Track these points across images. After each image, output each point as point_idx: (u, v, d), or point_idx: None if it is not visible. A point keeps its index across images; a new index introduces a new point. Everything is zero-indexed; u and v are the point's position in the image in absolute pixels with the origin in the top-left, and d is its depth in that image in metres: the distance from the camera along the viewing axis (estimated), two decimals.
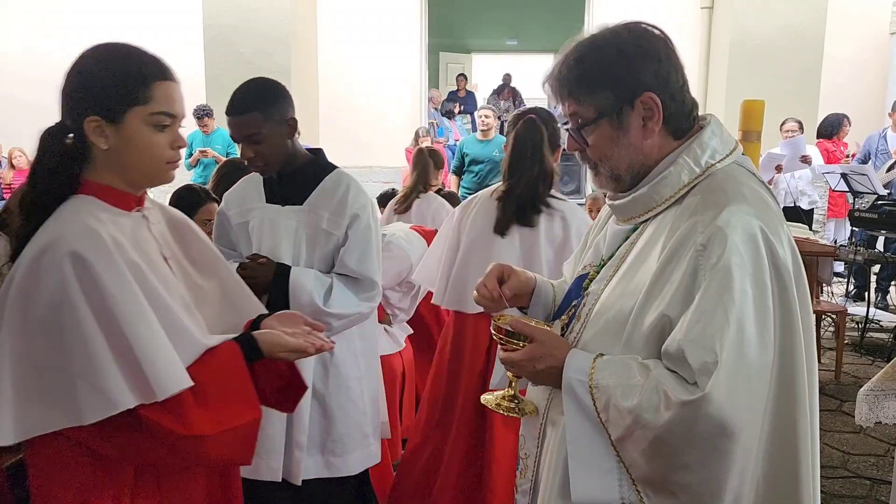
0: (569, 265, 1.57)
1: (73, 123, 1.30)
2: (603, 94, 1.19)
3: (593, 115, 1.21)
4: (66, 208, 1.28)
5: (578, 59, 1.20)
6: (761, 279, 1.09)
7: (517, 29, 12.75)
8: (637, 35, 1.21)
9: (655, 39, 1.21)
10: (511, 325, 1.24)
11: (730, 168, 1.22)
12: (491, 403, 1.33)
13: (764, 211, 1.15)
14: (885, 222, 5.05)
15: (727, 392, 1.04)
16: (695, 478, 1.06)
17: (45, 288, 1.19)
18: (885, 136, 6.28)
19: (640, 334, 1.14)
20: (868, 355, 5.06)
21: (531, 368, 1.22)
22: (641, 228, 1.26)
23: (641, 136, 1.21)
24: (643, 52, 1.19)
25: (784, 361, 1.11)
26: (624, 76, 1.18)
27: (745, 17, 7.57)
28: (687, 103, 1.23)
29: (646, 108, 1.19)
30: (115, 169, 1.32)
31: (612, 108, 1.19)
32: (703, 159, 1.21)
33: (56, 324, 1.19)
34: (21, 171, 7.45)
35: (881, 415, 2.21)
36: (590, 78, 1.20)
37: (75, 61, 1.32)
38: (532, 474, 1.34)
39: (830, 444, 3.65)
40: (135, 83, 1.29)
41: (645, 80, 1.18)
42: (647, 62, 1.18)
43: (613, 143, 1.21)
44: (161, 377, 1.21)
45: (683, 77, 1.23)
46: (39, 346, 1.19)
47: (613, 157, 1.22)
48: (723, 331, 1.05)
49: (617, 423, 1.11)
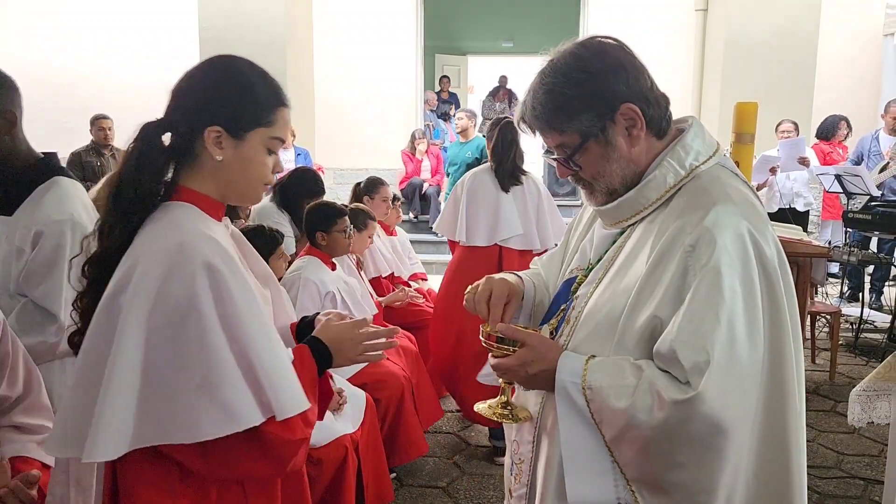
0: (542, 261, 1.58)
1: (186, 128, 1.26)
2: (583, 118, 1.20)
3: (579, 140, 1.22)
4: (177, 214, 1.25)
5: (548, 91, 1.21)
6: (750, 278, 1.11)
7: (512, 31, 12.76)
8: (596, 51, 1.22)
9: (614, 49, 1.22)
10: (501, 331, 1.24)
11: (713, 169, 1.23)
12: (484, 411, 1.33)
13: (750, 211, 1.17)
14: (878, 223, 5.07)
15: (720, 391, 1.05)
16: (689, 476, 1.08)
17: (174, 295, 1.14)
18: (878, 138, 6.30)
19: (632, 335, 1.15)
20: (862, 356, 5.08)
21: (524, 373, 1.23)
22: (629, 231, 1.27)
23: (628, 147, 1.22)
24: (608, 65, 1.20)
25: (774, 359, 1.13)
26: (598, 94, 1.19)
27: (739, 18, 7.60)
28: (661, 102, 1.24)
29: (627, 119, 1.20)
30: (218, 181, 1.29)
31: (595, 127, 1.20)
32: (688, 161, 1.23)
33: (182, 333, 1.14)
34: None
35: (873, 415, 2.22)
36: (565, 106, 1.20)
37: (202, 67, 1.30)
38: (527, 479, 1.34)
39: (824, 445, 3.67)
40: (266, 105, 1.29)
41: (619, 92, 1.19)
42: (615, 74, 1.19)
43: (605, 160, 1.23)
44: (282, 397, 1.17)
45: (649, 77, 1.24)
46: (160, 355, 1.14)
47: (608, 174, 1.24)
48: (714, 330, 1.07)
49: (611, 423, 1.12)
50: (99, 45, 9.10)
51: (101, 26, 9.11)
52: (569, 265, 1.44)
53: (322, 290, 3.09)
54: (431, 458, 3.52)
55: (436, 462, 3.49)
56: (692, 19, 8.55)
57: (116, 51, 9.05)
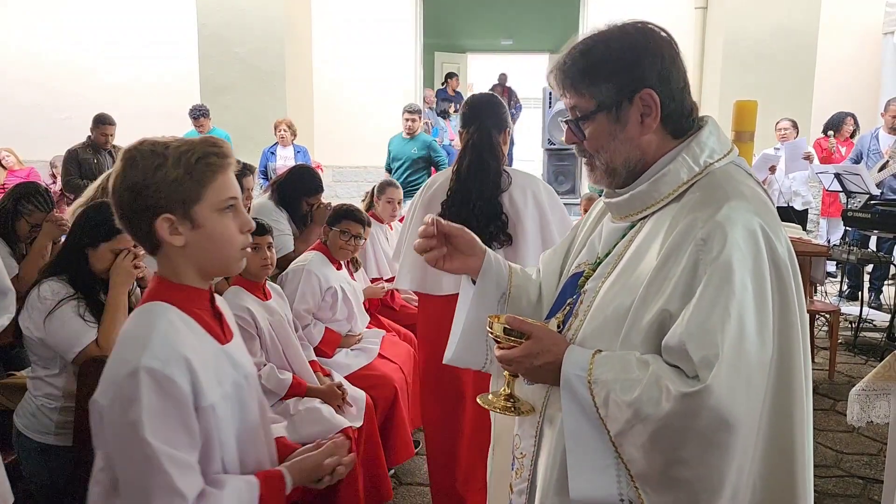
0: (547, 256, 1.57)
1: None
2: (604, 87, 1.21)
3: (592, 108, 1.22)
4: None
5: (584, 51, 1.23)
6: (761, 274, 1.10)
7: (512, 29, 12.75)
8: (644, 33, 1.23)
9: (662, 40, 1.24)
10: (508, 323, 1.23)
11: (728, 167, 1.23)
12: (488, 404, 1.32)
13: (763, 209, 1.16)
14: (877, 222, 5.06)
15: (728, 385, 1.04)
16: (694, 473, 1.06)
17: None
18: (877, 136, 6.29)
19: (639, 329, 1.14)
20: (861, 355, 5.08)
21: (529, 365, 1.22)
22: (639, 226, 1.26)
23: (639, 132, 1.22)
24: (648, 49, 1.21)
25: (782, 356, 1.12)
26: (627, 70, 1.20)
27: (738, 17, 7.60)
28: (687, 105, 1.24)
29: (644, 105, 1.20)
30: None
31: (611, 101, 1.21)
32: (702, 158, 1.22)
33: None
34: (12, 171, 7.40)
35: (872, 414, 2.22)
36: (593, 69, 1.21)
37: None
38: (529, 473, 1.33)
39: (824, 444, 3.66)
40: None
41: (647, 76, 1.20)
42: (650, 59, 1.20)
43: (610, 136, 1.23)
44: None
45: (685, 80, 1.24)
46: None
47: (609, 150, 1.24)
48: (724, 324, 1.06)
49: (616, 417, 1.11)
50: (97, 43, 9.06)
51: (100, 24, 9.08)
52: (575, 259, 1.43)
53: (324, 284, 3.10)
54: None
55: None
56: (692, 17, 8.55)
57: (115, 49, 9.02)
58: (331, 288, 3.12)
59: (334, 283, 3.14)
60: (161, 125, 8.37)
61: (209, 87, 7.86)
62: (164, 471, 1.17)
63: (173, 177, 1.25)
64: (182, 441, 1.21)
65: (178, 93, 8.42)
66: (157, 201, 1.25)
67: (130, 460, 1.18)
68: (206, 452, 1.26)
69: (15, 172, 7.34)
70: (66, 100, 8.97)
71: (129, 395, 1.17)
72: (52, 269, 2.33)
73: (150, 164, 1.25)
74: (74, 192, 5.48)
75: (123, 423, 1.17)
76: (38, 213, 3.18)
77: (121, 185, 1.27)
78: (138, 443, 1.16)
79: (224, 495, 1.25)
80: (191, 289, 1.33)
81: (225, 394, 1.30)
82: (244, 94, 7.84)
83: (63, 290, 2.25)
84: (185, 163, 1.26)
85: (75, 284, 2.27)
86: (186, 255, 1.30)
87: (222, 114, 7.59)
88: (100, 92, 8.70)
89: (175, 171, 1.25)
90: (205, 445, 1.26)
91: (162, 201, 1.25)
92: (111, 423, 1.20)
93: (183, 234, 1.28)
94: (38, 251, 3.10)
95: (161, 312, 1.27)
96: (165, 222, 1.26)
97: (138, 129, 7.67)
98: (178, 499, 1.18)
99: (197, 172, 1.26)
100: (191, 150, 1.27)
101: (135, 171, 1.26)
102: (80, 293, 2.27)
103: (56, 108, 9.03)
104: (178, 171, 1.25)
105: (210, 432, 1.26)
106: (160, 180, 1.25)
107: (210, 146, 1.29)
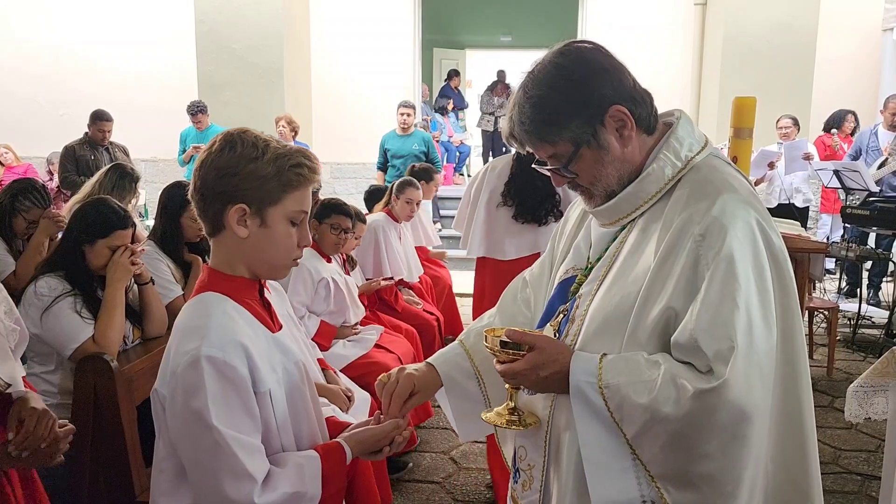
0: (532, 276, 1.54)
1: None
2: (572, 126, 1.19)
3: (572, 149, 1.21)
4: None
5: (536, 104, 1.19)
6: (761, 265, 1.12)
7: (511, 25, 12.73)
8: (575, 57, 1.20)
9: (593, 53, 1.21)
10: (509, 335, 1.21)
11: (709, 160, 1.24)
12: (492, 418, 1.29)
13: (753, 199, 1.18)
14: (876, 219, 5.06)
15: (745, 377, 1.05)
16: (716, 466, 1.07)
17: None
18: (877, 133, 6.28)
19: (645, 329, 1.14)
20: (860, 351, 5.08)
21: (534, 377, 1.19)
22: (630, 227, 1.25)
23: (621, 147, 1.21)
24: (590, 70, 1.18)
25: (786, 344, 1.14)
26: (584, 101, 1.18)
27: (738, 13, 7.58)
28: (646, 98, 1.23)
29: (617, 121, 1.19)
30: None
31: (586, 134, 1.19)
32: (683, 153, 1.22)
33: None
34: (9, 167, 7.38)
35: (870, 411, 2.22)
36: (554, 117, 1.19)
37: None
38: (540, 484, 1.31)
39: (822, 440, 3.67)
40: None
41: (605, 95, 1.18)
42: (599, 79, 1.18)
43: (600, 164, 1.22)
44: None
45: (631, 75, 1.23)
46: None
47: (604, 176, 1.23)
48: (734, 317, 1.07)
49: (632, 420, 1.10)
50: (95, 39, 9.04)
51: (98, 20, 9.05)
52: (559, 266, 1.42)
53: (315, 276, 3.12)
54: (428, 453, 3.52)
55: (432, 457, 3.49)
56: (691, 13, 8.53)
57: (113, 44, 9.00)
58: (323, 279, 3.14)
59: (326, 274, 3.16)
60: (159, 121, 8.37)
61: (207, 83, 7.84)
62: (232, 454, 1.21)
63: (263, 173, 1.27)
64: (246, 425, 1.24)
65: (176, 89, 8.40)
66: (239, 190, 1.27)
67: (198, 447, 1.22)
68: (265, 436, 1.30)
69: (12, 169, 7.33)
70: (63, 96, 8.95)
71: (193, 384, 1.21)
72: (49, 265, 2.32)
73: (247, 154, 1.27)
74: (71, 188, 5.46)
75: (189, 412, 1.21)
76: (35, 209, 3.18)
77: (211, 164, 1.29)
78: (206, 429, 1.20)
79: (287, 473, 1.29)
80: (242, 279, 1.35)
81: (279, 379, 1.33)
82: (242, 90, 7.82)
83: (60, 286, 2.24)
84: (279, 165, 1.28)
85: (72, 281, 2.27)
86: (243, 247, 1.32)
87: (221, 110, 7.57)
88: (97, 88, 8.68)
89: (267, 168, 1.28)
90: (264, 430, 1.29)
91: (243, 191, 1.27)
92: (175, 413, 1.24)
93: (249, 228, 1.30)
94: (35, 247, 3.10)
95: (216, 302, 1.30)
96: (238, 212, 1.28)
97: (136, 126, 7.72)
98: (248, 480, 1.22)
99: (285, 177, 1.29)
100: (287, 155, 1.29)
101: (231, 154, 1.28)
102: (77, 289, 2.26)
103: (53, 105, 9.01)
104: (269, 170, 1.28)
105: (268, 417, 1.30)
106: (250, 172, 1.27)
107: (305, 158, 1.32)
